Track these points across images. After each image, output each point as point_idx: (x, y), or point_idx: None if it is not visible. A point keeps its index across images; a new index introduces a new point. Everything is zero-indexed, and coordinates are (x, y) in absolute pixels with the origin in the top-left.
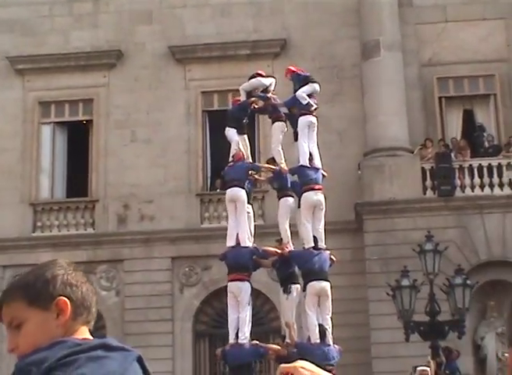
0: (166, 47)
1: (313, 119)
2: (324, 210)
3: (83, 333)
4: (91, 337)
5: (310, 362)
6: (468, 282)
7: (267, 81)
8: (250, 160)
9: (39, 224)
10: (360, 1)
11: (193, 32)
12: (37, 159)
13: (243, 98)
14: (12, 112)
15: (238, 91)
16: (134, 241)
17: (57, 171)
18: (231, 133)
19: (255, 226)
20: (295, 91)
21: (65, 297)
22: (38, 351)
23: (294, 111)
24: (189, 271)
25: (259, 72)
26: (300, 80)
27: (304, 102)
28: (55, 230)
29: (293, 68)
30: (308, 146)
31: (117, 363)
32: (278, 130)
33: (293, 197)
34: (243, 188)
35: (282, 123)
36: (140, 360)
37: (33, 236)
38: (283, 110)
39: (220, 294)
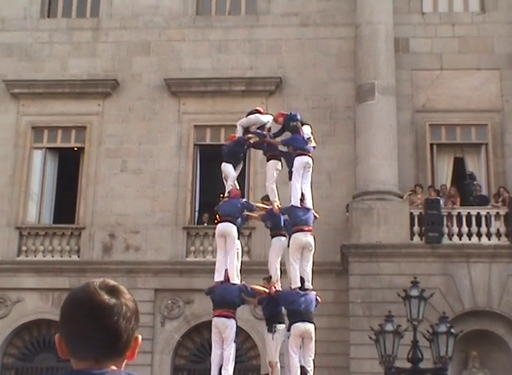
0: (162, 79)
1: (309, 160)
2: (313, 251)
3: None
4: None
5: None
6: (452, 330)
7: (265, 118)
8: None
9: (24, 248)
10: (356, 43)
11: (189, 66)
12: (26, 183)
13: (239, 133)
14: (4, 135)
15: (231, 126)
16: (118, 270)
17: (46, 196)
18: (228, 168)
19: (241, 262)
20: (290, 130)
21: None
22: None
23: (290, 150)
24: (171, 304)
25: (258, 108)
26: (291, 120)
27: (308, 144)
28: (39, 255)
29: (283, 112)
30: (301, 186)
31: None
32: (272, 168)
33: (285, 236)
34: (235, 224)
35: (277, 161)
36: None
37: (17, 260)
38: (281, 148)
39: (201, 328)
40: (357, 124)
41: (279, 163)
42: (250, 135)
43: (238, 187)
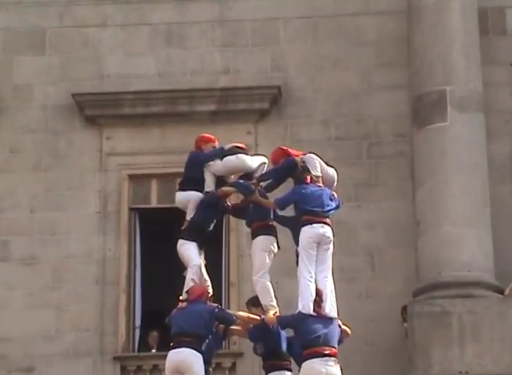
0: (69, 95)
1: (328, 230)
2: None
3: None
4: None
5: None
6: None
7: (254, 161)
8: (217, 305)
9: None
10: (410, 23)
11: (116, 70)
12: None
13: (210, 186)
14: None
15: None
16: None
17: None
18: (188, 250)
19: None
20: (298, 179)
21: None
22: None
23: (297, 213)
24: None
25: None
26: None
27: (328, 202)
28: None
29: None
30: (315, 277)
31: None
32: (262, 249)
33: (290, 370)
34: (199, 351)
35: (271, 236)
36: None
37: None
38: (280, 212)
39: None
40: (416, 165)
41: (274, 240)
42: (226, 189)
43: (207, 282)
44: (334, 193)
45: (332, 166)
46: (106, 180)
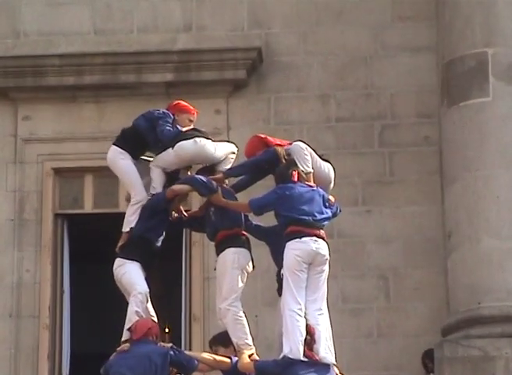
0: None
1: (322, 247)
2: None
3: None
4: None
5: None
6: None
7: (218, 149)
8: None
9: None
10: None
11: (37, 27)
12: None
13: (158, 185)
14: None
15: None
16: None
17: None
18: (129, 273)
19: None
20: (281, 176)
21: None
22: None
23: (280, 222)
24: None
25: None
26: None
27: (321, 208)
28: None
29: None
30: (306, 311)
31: None
32: (232, 268)
33: None
34: None
35: (242, 249)
36: None
37: None
38: (255, 220)
39: None
40: (446, 155)
41: (249, 257)
42: (178, 188)
43: (154, 317)
44: (331, 197)
45: (327, 161)
46: (23, 175)
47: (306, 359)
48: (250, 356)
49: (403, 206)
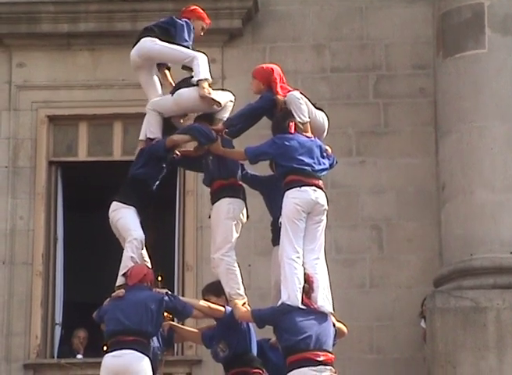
0: None
1: (320, 196)
2: None
3: None
4: None
5: None
6: None
7: (218, 97)
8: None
9: None
10: None
11: None
12: None
13: (155, 132)
14: None
15: (136, 116)
16: None
17: None
18: (125, 218)
19: None
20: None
21: None
22: None
23: (277, 172)
24: None
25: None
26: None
27: (320, 159)
28: None
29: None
30: (303, 259)
31: None
32: (226, 218)
33: None
34: (147, 355)
35: (237, 199)
36: None
37: None
38: (250, 169)
39: None
40: (440, 107)
41: (243, 207)
42: (178, 138)
43: (148, 263)
44: (327, 147)
45: (321, 109)
46: (17, 123)
47: (304, 307)
48: (243, 305)
49: (397, 157)
